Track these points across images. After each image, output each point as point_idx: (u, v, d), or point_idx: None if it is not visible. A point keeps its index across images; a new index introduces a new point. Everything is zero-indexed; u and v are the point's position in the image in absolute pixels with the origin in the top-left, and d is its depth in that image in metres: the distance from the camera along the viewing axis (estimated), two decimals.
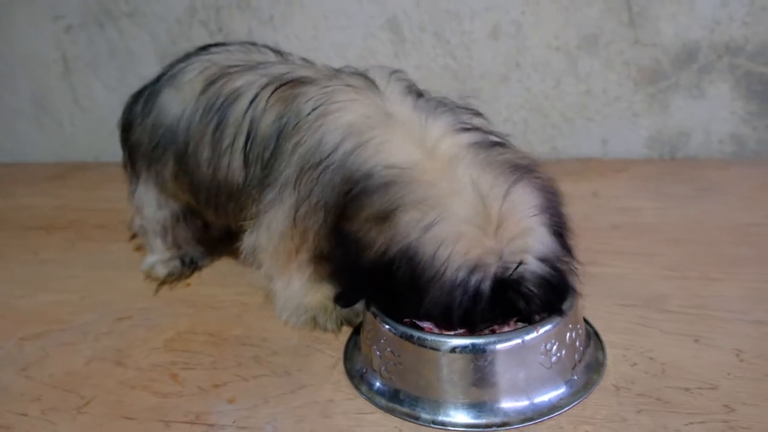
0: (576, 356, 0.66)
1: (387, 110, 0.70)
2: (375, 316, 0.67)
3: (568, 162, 1.37)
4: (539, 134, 1.45)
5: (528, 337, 0.61)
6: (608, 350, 0.70)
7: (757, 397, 0.61)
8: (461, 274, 0.59)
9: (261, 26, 1.52)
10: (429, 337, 0.63)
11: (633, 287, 0.83)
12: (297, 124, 0.73)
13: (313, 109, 0.72)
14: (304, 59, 0.89)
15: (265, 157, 0.76)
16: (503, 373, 0.61)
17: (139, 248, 1.10)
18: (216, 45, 0.93)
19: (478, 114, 0.75)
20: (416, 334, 0.63)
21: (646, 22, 1.30)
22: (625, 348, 0.71)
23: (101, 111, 1.73)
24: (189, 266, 1.00)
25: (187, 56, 0.93)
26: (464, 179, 0.62)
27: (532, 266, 0.61)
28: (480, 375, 0.61)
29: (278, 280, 0.81)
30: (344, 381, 0.70)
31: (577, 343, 0.66)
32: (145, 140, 0.91)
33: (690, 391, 0.63)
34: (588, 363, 0.67)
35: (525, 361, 0.62)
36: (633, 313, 0.78)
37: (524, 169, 0.65)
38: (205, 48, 0.93)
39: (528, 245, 0.61)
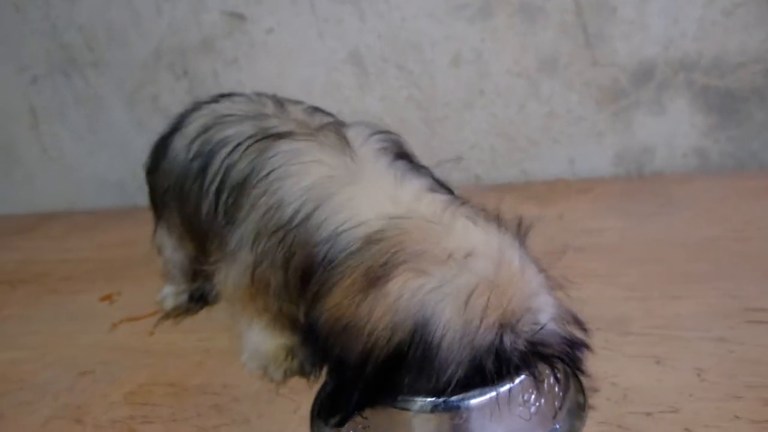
0: (556, 403, 0.62)
1: (354, 170, 0.66)
2: None
3: (535, 185, 1.37)
4: (507, 158, 1.46)
5: (503, 390, 0.57)
6: (571, 376, 0.69)
7: (718, 419, 0.60)
8: (492, 335, 0.54)
9: (226, 68, 1.54)
10: (399, 396, 0.58)
11: (596, 310, 0.82)
12: (257, 182, 0.71)
13: (273, 170, 0.69)
14: (310, 108, 0.85)
15: (228, 205, 0.75)
16: (480, 430, 0.58)
17: (104, 298, 1.09)
18: (225, 95, 0.92)
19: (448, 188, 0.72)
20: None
21: (602, 43, 1.32)
22: (588, 374, 0.69)
23: (69, 160, 1.73)
24: (197, 301, 1.00)
25: (197, 104, 0.92)
26: (471, 232, 0.58)
27: (554, 325, 0.57)
28: None
29: (242, 320, 0.80)
30: (305, 426, 0.68)
31: (557, 389, 0.63)
32: (158, 185, 0.93)
33: (652, 415, 0.62)
34: (569, 409, 0.64)
35: (503, 416, 0.58)
36: (597, 336, 0.76)
37: (512, 229, 0.62)
38: (215, 98, 0.92)
39: (544, 305, 0.58)
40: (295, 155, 0.70)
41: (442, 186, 0.69)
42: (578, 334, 0.60)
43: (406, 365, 0.55)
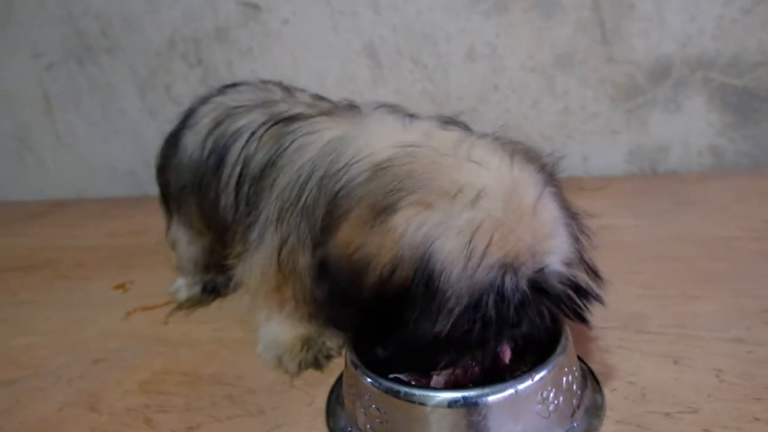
0: (574, 401, 0.62)
1: (363, 123, 0.67)
2: (356, 367, 0.62)
3: None
4: None
5: (522, 386, 0.57)
6: (588, 375, 0.69)
7: (737, 420, 0.60)
8: (493, 274, 0.52)
9: (241, 58, 1.53)
10: (417, 391, 0.57)
11: (612, 308, 0.81)
12: (276, 160, 0.72)
13: (291, 143, 0.71)
14: (315, 95, 0.87)
15: (250, 195, 0.75)
16: (498, 427, 0.57)
17: (118, 287, 1.09)
18: (230, 86, 0.93)
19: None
20: (403, 389, 0.58)
21: (619, 39, 1.31)
22: (605, 373, 0.69)
23: (83, 147, 1.73)
24: (210, 293, 1.01)
25: (205, 98, 0.93)
26: (485, 166, 0.55)
27: (560, 268, 0.56)
28: (474, 431, 0.57)
29: (261, 312, 0.80)
30: (320, 419, 0.68)
31: (575, 387, 0.62)
32: (172, 182, 0.93)
33: (670, 415, 0.62)
34: (587, 407, 0.63)
35: (521, 413, 0.57)
36: (613, 335, 0.76)
37: (544, 165, 0.60)
38: (221, 89, 0.93)
39: (558, 246, 0.56)
40: (310, 128, 0.71)
41: (456, 124, 0.69)
42: (590, 283, 0.59)
43: (410, 302, 0.53)
